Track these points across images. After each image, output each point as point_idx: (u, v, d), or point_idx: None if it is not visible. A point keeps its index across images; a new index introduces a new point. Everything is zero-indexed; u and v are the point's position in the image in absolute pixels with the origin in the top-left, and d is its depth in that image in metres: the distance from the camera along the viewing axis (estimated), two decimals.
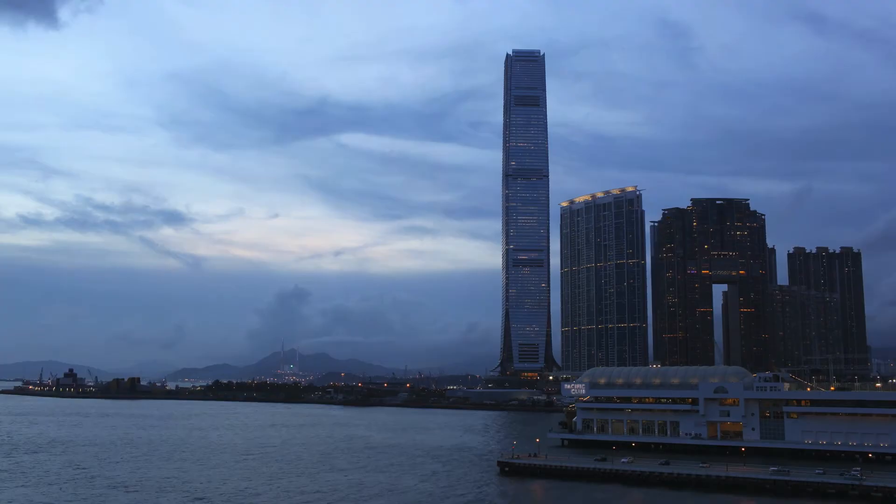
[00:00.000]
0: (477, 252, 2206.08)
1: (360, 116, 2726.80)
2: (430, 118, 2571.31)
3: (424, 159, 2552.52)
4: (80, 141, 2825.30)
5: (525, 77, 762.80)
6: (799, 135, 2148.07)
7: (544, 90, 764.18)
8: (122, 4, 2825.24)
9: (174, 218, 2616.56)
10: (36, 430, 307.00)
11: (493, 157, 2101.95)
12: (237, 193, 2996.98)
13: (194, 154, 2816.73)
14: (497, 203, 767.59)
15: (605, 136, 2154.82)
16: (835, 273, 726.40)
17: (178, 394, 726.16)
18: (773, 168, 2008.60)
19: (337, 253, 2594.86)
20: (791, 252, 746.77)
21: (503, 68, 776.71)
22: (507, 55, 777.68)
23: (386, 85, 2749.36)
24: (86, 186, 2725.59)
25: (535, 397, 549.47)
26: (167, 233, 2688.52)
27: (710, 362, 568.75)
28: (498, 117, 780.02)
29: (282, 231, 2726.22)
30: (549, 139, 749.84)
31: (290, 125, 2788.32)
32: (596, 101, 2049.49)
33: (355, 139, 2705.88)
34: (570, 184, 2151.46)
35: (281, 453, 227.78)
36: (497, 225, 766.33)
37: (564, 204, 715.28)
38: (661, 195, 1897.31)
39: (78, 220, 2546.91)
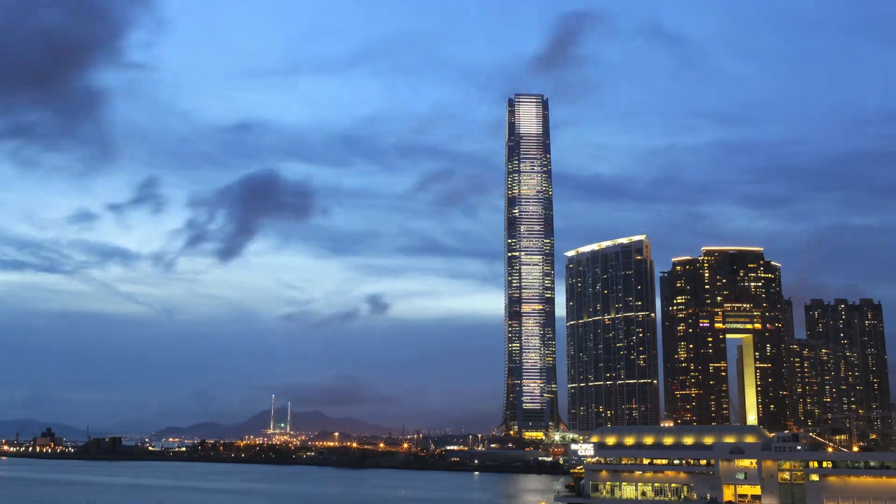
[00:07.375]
0: (456, 295, 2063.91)
1: (282, 141, 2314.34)
2: (355, 141, 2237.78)
3: (357, 188, 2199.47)
4: None
5: (527, 121, 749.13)
6: (811, 163, 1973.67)
7: (548, 135, 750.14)
8: None
9: (124, 255, 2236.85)
10: None
11: (438, 186, 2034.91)
12: (175, 231, 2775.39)
13: (119, 184, 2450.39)
14: (470, 240, 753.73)
15: (601, 170, 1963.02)
16: (854, 326, 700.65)
17: (162, 455, 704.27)
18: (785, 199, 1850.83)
19: (309, 301, 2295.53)
20: (808, 304, 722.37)
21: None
22: (510, 99, 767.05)
23: (299, 103, 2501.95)
24: None
25: (541, 458, 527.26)
26: (118, 272, 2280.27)
27: (725, 421, 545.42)
28: (432, 136, 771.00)
29: (247, 274, 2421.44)
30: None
31: (203, 152, 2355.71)
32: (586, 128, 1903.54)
33: (281, 167, 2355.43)
34: (569, 224, 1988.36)
35: None
36: (473, 264, 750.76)
37: (570, 254, 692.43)
38: (669, 238, 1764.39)
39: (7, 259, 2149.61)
